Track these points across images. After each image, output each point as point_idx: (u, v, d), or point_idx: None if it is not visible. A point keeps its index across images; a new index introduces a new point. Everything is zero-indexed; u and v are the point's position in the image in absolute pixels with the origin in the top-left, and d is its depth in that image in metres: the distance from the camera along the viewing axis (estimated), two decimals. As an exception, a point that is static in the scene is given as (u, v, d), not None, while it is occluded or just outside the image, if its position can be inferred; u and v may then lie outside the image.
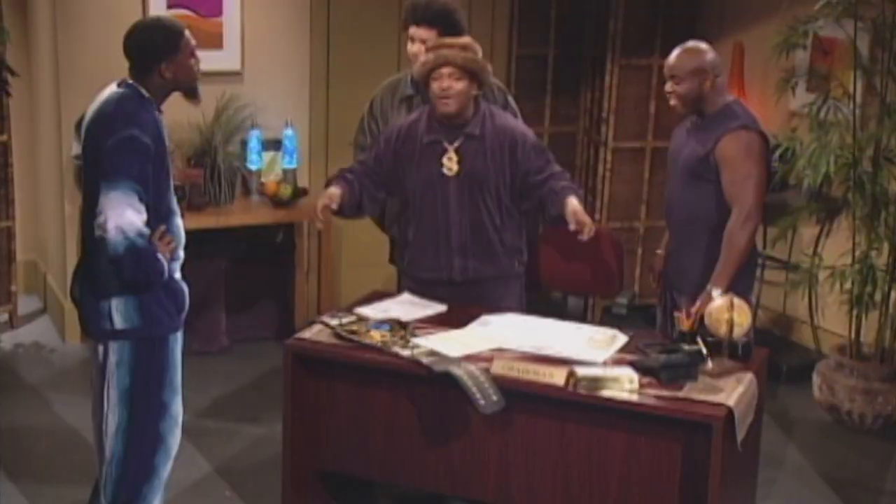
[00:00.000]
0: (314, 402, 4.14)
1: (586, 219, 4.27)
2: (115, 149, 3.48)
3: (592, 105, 6.72)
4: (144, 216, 3.50)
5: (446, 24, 4.63)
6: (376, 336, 4.04)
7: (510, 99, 4.88)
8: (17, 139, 6.23)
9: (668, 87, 4.26)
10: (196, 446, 4.88)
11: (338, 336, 4.08)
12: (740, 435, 3.68)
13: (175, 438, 3.78)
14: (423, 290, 4.49)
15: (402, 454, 4.05)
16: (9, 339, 6.10)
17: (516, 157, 4.42)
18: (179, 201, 3.77)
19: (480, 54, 4.42)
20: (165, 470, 3.78)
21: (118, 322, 3.59)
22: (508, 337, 4.08)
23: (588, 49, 6.73)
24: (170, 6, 5.86)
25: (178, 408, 3.77)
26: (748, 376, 3.83)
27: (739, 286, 4.11)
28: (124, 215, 3.44)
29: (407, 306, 4.37)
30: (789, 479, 4.87)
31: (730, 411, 3.60)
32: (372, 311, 4.29)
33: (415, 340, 4.02)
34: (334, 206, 4.40)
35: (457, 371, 3.79)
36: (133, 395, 3.65)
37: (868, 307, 5.32)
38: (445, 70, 4.32)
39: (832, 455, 5.14)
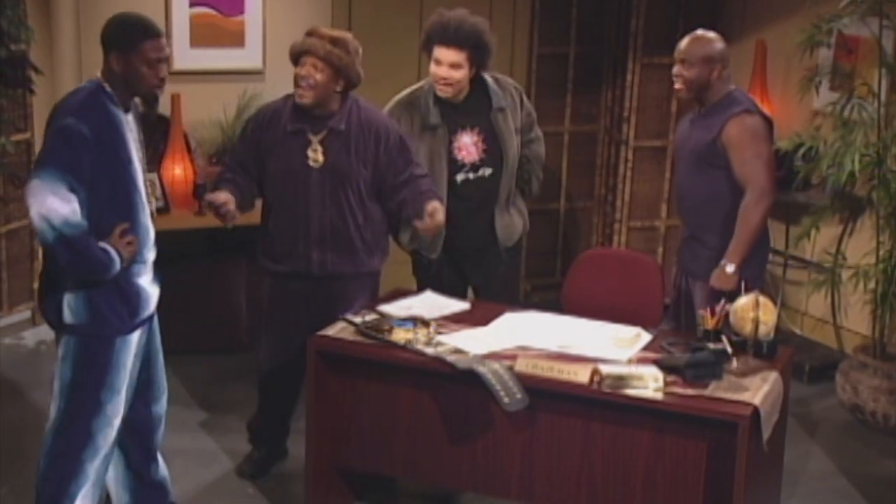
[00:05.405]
0: (338, 400, 4.14)
1: (439, 222, 4.27)
2: (49, 137, 3.50)
3: (613, 104, 6.70)
4: (74, 205, 3.43)
5: (477, 46, 4.52)
6: (400, 334, 4.04)
7: (525, 99, 4.85)
8: (39, 137, 6.22)
9: (677, 69, 4.40)
10: (218, 444, 4.89)
11: (361, 334, 4.08)
12: (766, 434, 3.66)
13: (106, 439, 3.69)
14: (280, 285, 4.45)
15: (426, 452, 4.05)
16: (31, 337, 6.10)
17: (378, 151, 4.37)
18: (201, 198, 3.72)
19: (358, 54, 4.33)
20: (93, 468, 3.69)
21: (67, 316, 3.59)
22: (532, 335, 4.07)
23: (609, 48, 6.71)
24: (192, 4, 5.86)
25: (114, 409, 3.68)
26: (773, 375, 3.81)
27: (750, 271, 4.24)
28: (45, 203, 3.39)
29: (429, 304, 4.37)
30: (813, 480, 4.84)
31: (755, 410, 3.59)
32: (394, 308, 4.29)
33: (438, 338, 4.02)
34: (232, 207, 4.29)
35: (481, 369, 3.78)
36: (71, 389, 3.64)
37: (892, 306, 5.28)
38: (308, 59, 4.29)
39: (856, 455, 5.11)
